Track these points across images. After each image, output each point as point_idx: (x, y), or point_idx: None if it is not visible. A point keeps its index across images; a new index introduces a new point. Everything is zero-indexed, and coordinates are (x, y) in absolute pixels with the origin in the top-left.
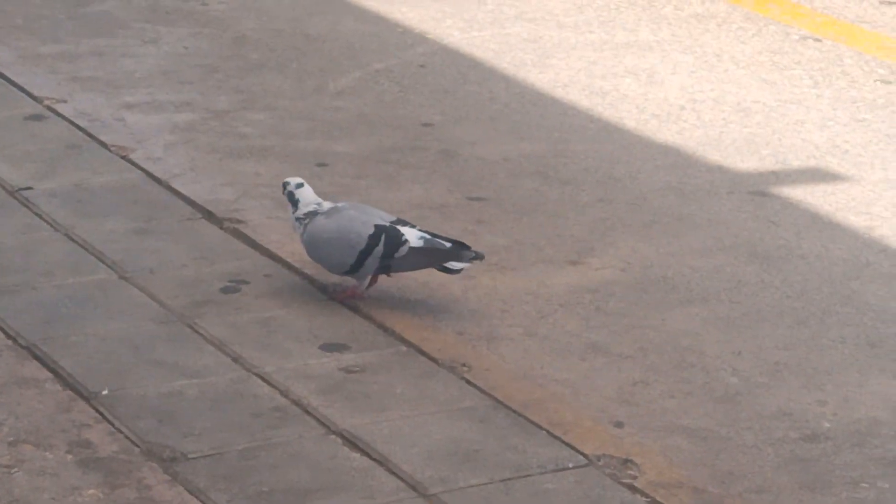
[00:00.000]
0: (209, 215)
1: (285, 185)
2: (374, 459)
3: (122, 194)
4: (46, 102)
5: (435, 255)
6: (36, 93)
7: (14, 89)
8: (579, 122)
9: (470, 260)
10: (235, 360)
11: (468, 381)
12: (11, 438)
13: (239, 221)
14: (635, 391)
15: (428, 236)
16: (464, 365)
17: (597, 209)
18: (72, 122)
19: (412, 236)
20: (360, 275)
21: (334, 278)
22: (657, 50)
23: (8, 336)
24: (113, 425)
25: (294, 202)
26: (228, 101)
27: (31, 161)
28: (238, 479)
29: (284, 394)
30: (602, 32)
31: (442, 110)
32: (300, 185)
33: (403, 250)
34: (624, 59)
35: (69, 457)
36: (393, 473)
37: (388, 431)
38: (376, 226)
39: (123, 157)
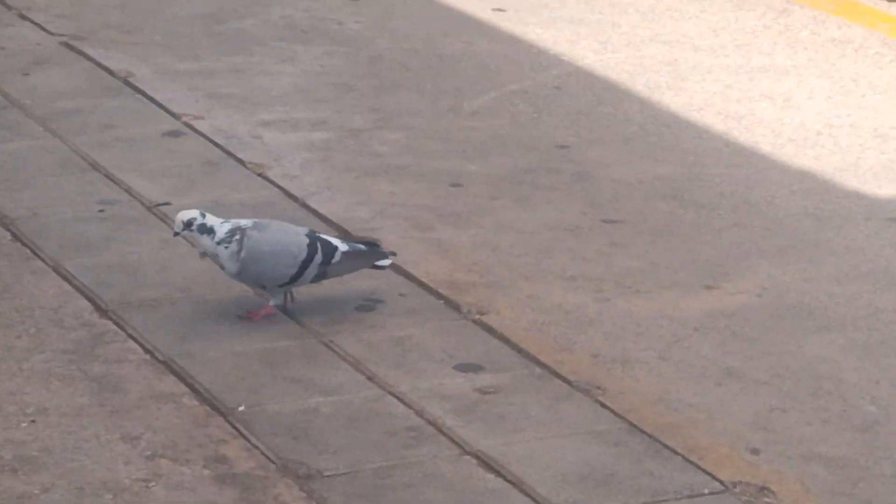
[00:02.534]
0: (344, 233)
1: (191, 221)
2: (509, 481)
3: (258, 211)
4: (184, 119)
5: (361, 257)
6: (174, 109)
7: (153, 105)
8: (714, 145)
9: (388, 256)
10: (370, 378)
11: (602, 404)
12: (149, 453)
13: (374, 240)
14: (772, 418)
15: (345, 240)
16: (598, 387)
17: (732, 233)
18: (209, 139)
19: (338, 242)
20: (297, 284)
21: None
22: (793, 74)
23: (146, 350)
24: (249, 441)
25: (209, 231)
26: (364, 119)
27: (169, 177)
28: (373, 497)
29: (419, 413)
30: (737, 56)
31: (576, 132)
32: (203, 214)
33: (338, 256)
34: (760, 83)
35: (206, 472)
36: (527, 495)
37: (522, 453)
38: (307, 235)
39: (260, 175)
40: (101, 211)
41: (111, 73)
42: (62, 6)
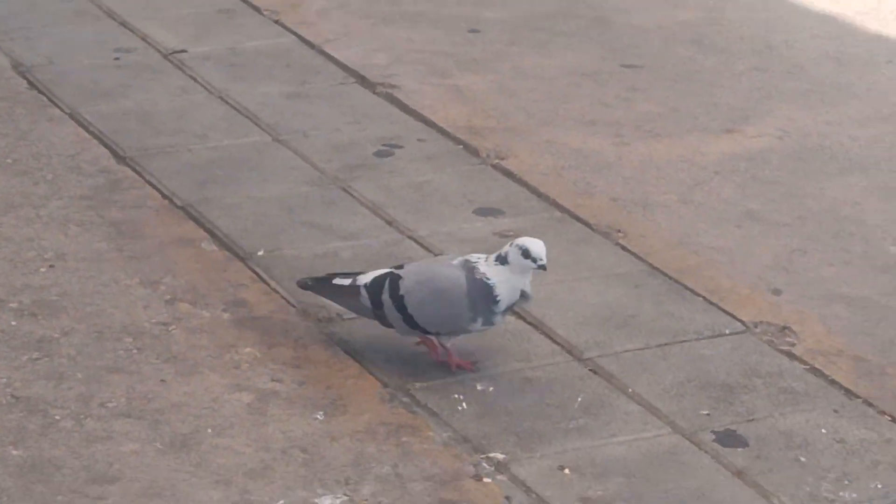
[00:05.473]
0: (362, 80)
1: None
2: (530, 323)
3: (275, 58)
4: None
5: None
6: None
7: None
8: None
9: None
10: (389, 223)
11: (623, 247)
12: (168, 297)
13: (392, 86)
14: (793, 259)
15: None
16: (619, 231)
17: (752, 77)
18: None
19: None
20: None
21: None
22: None
23: (164, 196)
24: (269, 285)
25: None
26: None
27: (185, 25)
28: (393, 341)
29: None
30: None
31: None
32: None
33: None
34: None
35: (226, 315)
36: (548, 337)
37: (543, 296)
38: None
39: (276, 22)
40: (116, 59)
41: None
42: None
